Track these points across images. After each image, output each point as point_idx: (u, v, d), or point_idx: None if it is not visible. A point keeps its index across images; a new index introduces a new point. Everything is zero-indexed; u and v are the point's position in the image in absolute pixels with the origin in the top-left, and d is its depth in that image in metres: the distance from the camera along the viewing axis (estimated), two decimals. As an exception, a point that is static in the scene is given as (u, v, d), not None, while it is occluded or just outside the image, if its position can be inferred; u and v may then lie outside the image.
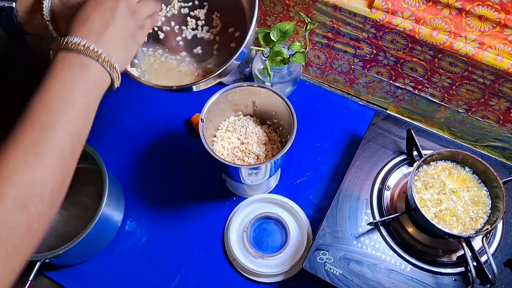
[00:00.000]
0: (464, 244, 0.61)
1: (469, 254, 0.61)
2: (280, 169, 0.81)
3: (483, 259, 0.62)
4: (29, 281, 0.64)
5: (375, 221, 0.66)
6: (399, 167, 0.72)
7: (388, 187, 0.71)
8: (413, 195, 0.62)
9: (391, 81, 0.81)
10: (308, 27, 0.73)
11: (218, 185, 0.81)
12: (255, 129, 0.73)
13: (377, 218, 0.68)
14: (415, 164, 0.64)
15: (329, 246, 0.66)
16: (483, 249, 0.62)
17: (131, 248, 0.76)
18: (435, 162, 0.66)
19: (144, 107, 0.89)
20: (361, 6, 0.71)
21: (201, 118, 0.64)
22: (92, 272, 0.74)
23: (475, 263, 0.62)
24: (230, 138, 0.72)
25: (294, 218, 0.76)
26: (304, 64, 0.77)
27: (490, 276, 0.60)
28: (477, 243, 0.64)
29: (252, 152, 0.70)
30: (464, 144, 0.79)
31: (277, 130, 0.74)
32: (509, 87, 0.68)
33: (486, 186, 0.64)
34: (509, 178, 0.66)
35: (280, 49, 0.74)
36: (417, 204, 0.61)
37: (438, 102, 0.79)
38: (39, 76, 0.47)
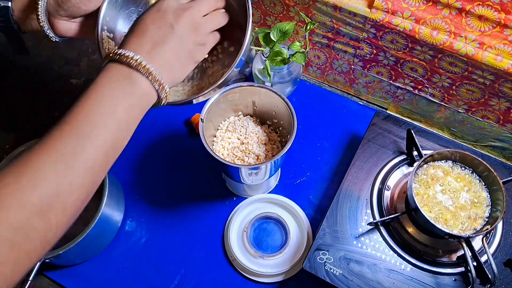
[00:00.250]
0: (464, 244, 0.61)
1: (469, 254, 0.61)
2: (280, 169, 0.81)
3: (483, 259, 0.62)
4: (29, 281, 0.64)
5: (375, 221, 0.66)
6: (399, 167, 0.72)
7: (388, 187, 0.71)
8: (413, 195, 0.62)
9: (391, 81, 0.81)
10: (308, 27, 0.73)
11: (218, 185, 0.81)
12: (255, 129, 0.73)
13: (377, 218, 0.68)
14: (415, 164, 0.64)
15: (329, 246, 0.66)
16: (483, 249, 0.62)
17: (131, 248, 0.76)
18: (435, 162, 0.66)
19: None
20: (361, 6, 0.71)
21: (201, 118, 0.64)
22: (92, 272, 0.74)
23: (475, 263, 0.62)
24: (230, 138, 0.72)
25: (294, 218, 0.76)
26: (304, 64, 0.77)
27: (490, 276, 0.60)
28: (477, 243, 0.64)
29: (252, 152, 0.70)
30: (464, 144, 0.79)
31: (277, 130, 0.74)
32: (509, 87, 0.68)
33: (486, 186, 0.64)
34: (509, 178, 0.66)
35: (280, 49, 0.74)
36: (417, 204, 0.61)
37: (438, 102, 0.79)
38: (38, 76, 0.47)
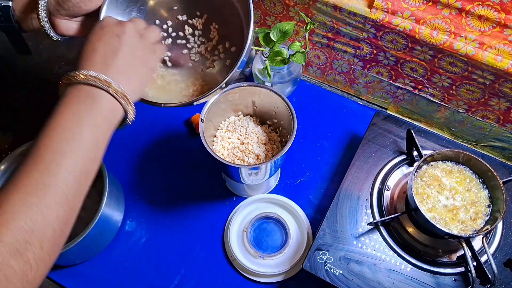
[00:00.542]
0: (464, 244, 0.61)
1: (469, 254, 0.61)
2: (280, 169, 0.81)
3: (483, 259, 0.62)
4: (29, 281, 0.64)
5: (375, 221, 0.66)
6: (399, 167, 0.72)
7: (388, 187, 0.71)
8: (413, 195, 0.62)
9: (391, 81, 0.81)
10: (308, 27, 0.73)
11: (218, 185, 0.81)
12: (255, 129, 0.73)
13: (377, 218, 0.68)
14: (415, 164, 0.64)
15: (329, 246, 0.66)
16: (483, 249, 0.62)
17: (131, 248, 0.76)
18: (435, 162, 0.66)
19: (144, 107, 0.89)
20: (361, 6, 0.71)
21: (201, 118, 0.64)
22: (92, 272, 0.74)
23: (475, 263, 0.62)
24: (230, 138, 0.72)
25: (294, 218, 0.76)
26: (304, 64, 0.77)
27: (490, 276, 0.60)
28: (477, 243, 0.64)
29: (252, 152, 0.70)
30: (464, 144, 0.79)
31: (277, 130, 0.74)
32: (509, 87, 0.68)
33: (486, 186, 0.64)
34: (509, 178, 0.66)
35: (280, 49, 0.74)
36: (417, 204, 0.61)
37: (438, 102, 0.79)
38: (38, 76, 0.47)
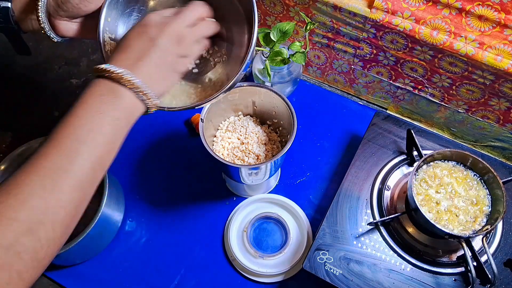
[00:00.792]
0: (464, 244, 0.61)
1: (469, 254, 0.61)
2: (280, 169, 0.81)
3: (483, 259, 0.62)
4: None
5: (375, 221, 0.66)
6: (399, 167, 0.72)
7: (388, 187, 0.71)
8: (413, 195, 0.62)
9: (391, 81, 0.81)
10: (308, 27, 0.73)
11: (218, 185, 0.80)
12: (255, 129, 0.73)
13: (377, 218, 0.68)
14: (415, 164, 0.64)
15: (329, 246, 0.66)
16: (483, 249, 0.62)
17: (131, 248, 0.76)
18: (435, 162, 0.66)
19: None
20: (361, 6, 0.71)
21: (201, 118, 0.64)
22: (92, 272, 0.74)
23: (475, 263, 0.62)
24: (230, 138, 0.72)
25: (294, 218, 0.76)
26: (304, 64, 0.77)
27: (490, 276, 0.60)
28: (477, 243, 0.64)
29: (252, 152, 0.70)
30: (464, 144, 0.79)
31: (277, 130, 0.74)
32: (509, 87, 0.68)
33: (486, 186, 0.64)
34: (509, 178, 0.66)
35: (280, 49, 0.74)
36: (417, 204, 0.61)
37: (438, 102, 0.79)
38: (38, 76, 0.47)
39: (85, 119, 0.44)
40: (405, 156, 0.73)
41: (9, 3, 0.53)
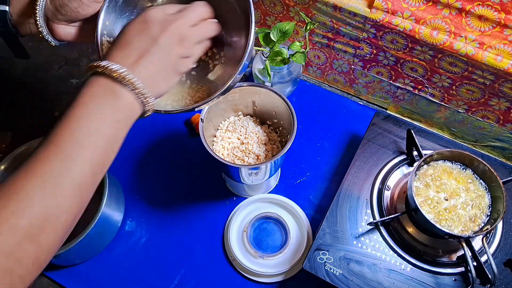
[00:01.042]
0: (464, 244, 0.61)
1: (469, 254, 0.61)
2: (280, 169, 0.81)
3: (483, 259, 0.62)
4: (29, 281, 0.64)
5: (375, 221, 0.66)
6: (399, 167, 0.72)
7: (388, 187, 0.71)
8: (413, 195, 0.62)
9: (391, 81, 0.81)
10: (308, 27, 0.73)
11: (218, 185, 0.81)
12: (255, 129, 0.73)
13: (377, 218, 0.68)
14: (415, 164, 0.64)
15: (329, 246, 0.66)
16: (483, 249, 0.63)
17: (131, 248, 0.76)
18: (435, 162, 0.66)
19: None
20: (361, 6, 0.71)
21: (201, 118, 0.64)
22: (92, 272, 0.74)
23: (475, 263, 0.62)
24: (230, 138, 0.72)
25: (294, 218, 0.76)
26: (304, 64, 0.77)
27: (490, 276, 0.60)
28: (477, 243, 0.64)
29: (252, 152, 0.70)
30: (464, 144, 0.79)
31: (277, 130, 0.74)
32: (509, 87, 0.68)
33: (486, 186, 0.64)
34: (509, 178, 0.66)
35: (280, 49, 0.74)
36: (417, 204, 0.61)
37: (438, 102, 0.79)
38: (39, 76, 0.47)
39: (84, 121, 0.43)
40: (405, 156, 0.73)
41: (7, 7, 0.53)
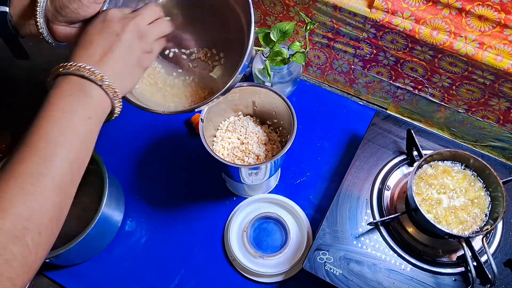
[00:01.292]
0: (464, 244, 0.61)
1: (469, 254, 0.61)
2: (280, 169, 0.81)
3: (483, 259, 0.62)
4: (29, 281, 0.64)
5: (375, 221, 0.66)
6: (399, 167, 0.72)
7: (388, 187, 0.71)
8: (413, 195, 0.62)
9: (391, 81, 0.81)
10: (308, 27, 0.73)
11: (218, 185, 0.81)
12: (255, 129, 0.73)
13: (377, 218, 0.68)
14: (415, 164, 0.64)
15: (329, 246, 0.66)
16: (483, 249, 0.62)
17: (131, 248, 0.76)
18: (435, 162, 0.66)
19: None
20: (361, 6, 0.71)
21: (201, 118, 0.64)
22: (92, 272, 0.74)
23: (475, 263, 0.62)
24: (230, 138, 0.72)
25: (294, 218, 0.76)
26: (304, 64, 0.77)
27: (490, 276, 0.60)
28: (477, 243, 0.64)
29: (252, 152, 0.70)
30: (464, 144, 0.79)
31: (277, 130, 0.74)
32: (509, 87, 0.68)
33: (486, 186, 0.64)
34: (509, 178, 0.66)
35: (280, 49, 0.74)
36: (417, 204, 0.61)
37: (438, 102, 0.79)
38: (39, 76, 0.47)
39: (56, 120, 0.44)
40: (405, 156, 0.73)
41: (7, 8, 0.53)
